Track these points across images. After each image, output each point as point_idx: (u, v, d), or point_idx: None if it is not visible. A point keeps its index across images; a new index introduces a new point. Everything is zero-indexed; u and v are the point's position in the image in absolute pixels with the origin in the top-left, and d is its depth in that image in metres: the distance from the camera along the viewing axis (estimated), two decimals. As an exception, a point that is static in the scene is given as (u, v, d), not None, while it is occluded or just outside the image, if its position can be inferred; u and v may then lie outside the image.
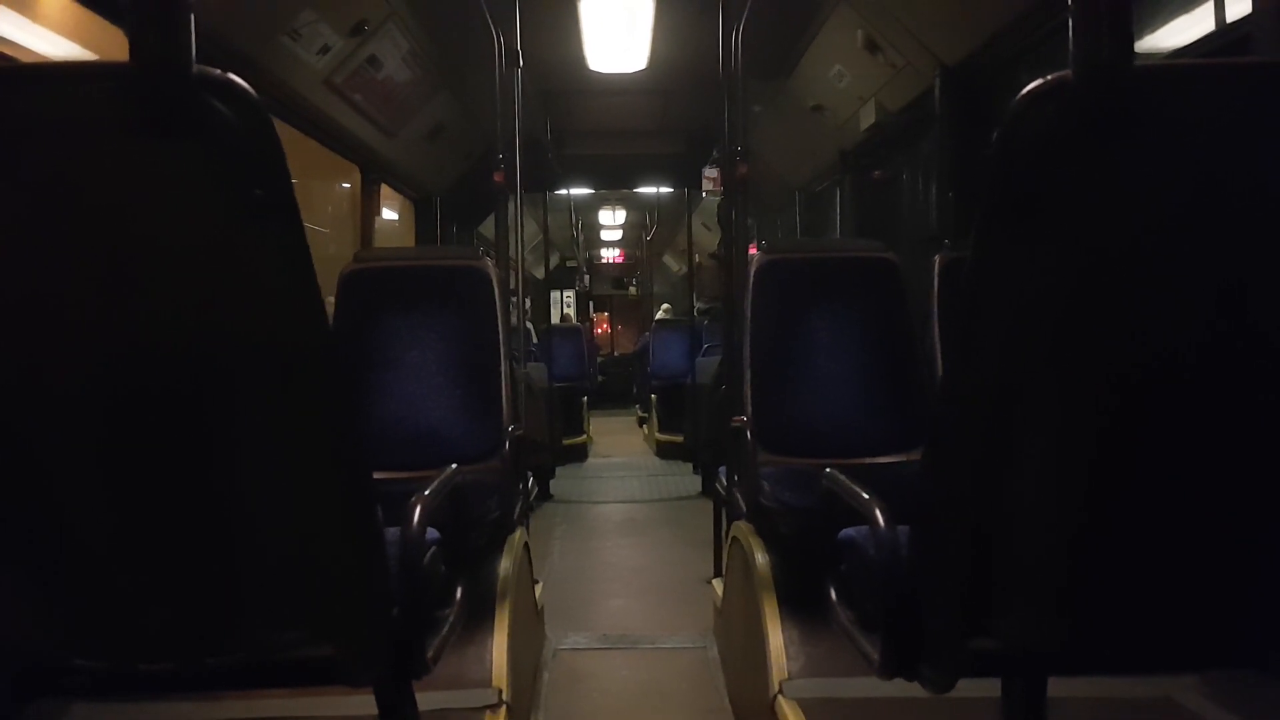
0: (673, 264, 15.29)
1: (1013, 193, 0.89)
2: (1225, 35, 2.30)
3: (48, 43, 2.65)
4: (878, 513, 1.27)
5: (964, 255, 0.94)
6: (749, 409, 2.58)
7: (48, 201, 0.89)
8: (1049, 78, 0.84)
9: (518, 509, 2.65)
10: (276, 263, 0.91)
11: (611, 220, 12.14)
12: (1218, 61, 0.90)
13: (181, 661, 1.13)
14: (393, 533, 1.21)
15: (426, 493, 1.36)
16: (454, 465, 1.62)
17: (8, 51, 2.36)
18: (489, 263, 2.67)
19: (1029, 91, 0.85)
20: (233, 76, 0.83)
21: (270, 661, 1.19)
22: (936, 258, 2.68)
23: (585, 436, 8.00)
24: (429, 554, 1.31)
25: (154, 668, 1.18)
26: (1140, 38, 2.63)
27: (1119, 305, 0.93)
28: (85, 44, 2.74)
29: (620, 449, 8.59)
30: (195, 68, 0.82)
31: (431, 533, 1.34)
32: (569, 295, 15.49)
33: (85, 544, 1.02)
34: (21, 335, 0.93)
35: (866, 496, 1.33)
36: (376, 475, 1.08)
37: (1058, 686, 1.24)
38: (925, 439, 1.12)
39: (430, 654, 1.25)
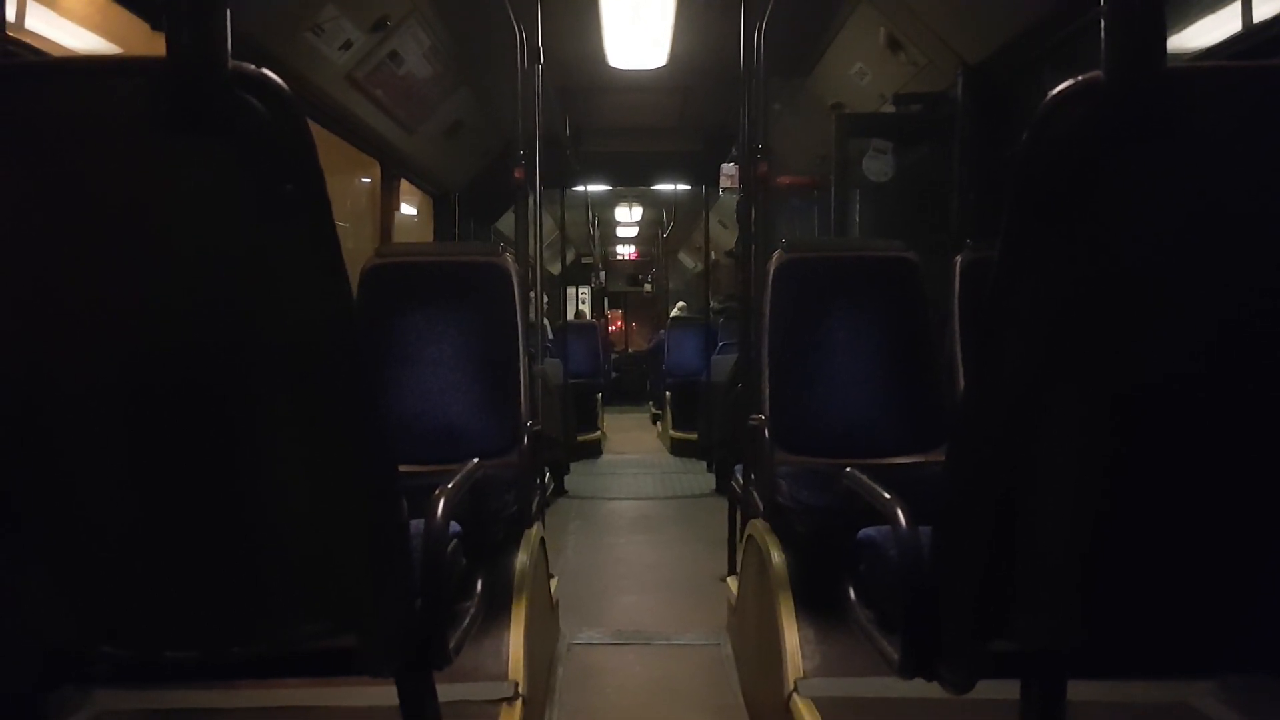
0: (688, 261, 15.26)
1: (1040, 194, 0.89)
2: (1254, 36, 2.28)
3: (74, 37, 2.67)
4: (899, 513, 1.27)
5: (986, 255, 0.94)
6: (767, 407, 2.58)
7: (78, 196, 0.90)
8: (1079, 78, 0.84)
9: (535, 504, 2.66)
10: (306, 257, 0.91)
11: (628, 217, 12.13)
12: (1252, 64, 0.89)
13: (206, 650, 1.15)
14: (415, 525, 1.22)
15: (449, 486, 1.37)
16: (475, 459, 1.63)
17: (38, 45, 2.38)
18: (509, 259, 2.68)
19: (1059, 92, 0.85)
20: (267, 72, 0.84)
21: (293, 651, 1.20)
22: (958, 257, 2.67)
23: (599, 433, 8.01)
24: (450, 547, 1.32)
25: (178, 656, 1.19)
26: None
27: (1146, 309, 0.92)
28: (111, 38, 2.76)
29: (634, 446, 8.59)
30: (230, 63, 0.83)
31: (453, 526, 1.34)
32: (584, 292, 15.49)
33: (113, 534, 1.03)
34: (51, 329, 0.95)
35: (888, 496, 1.33)
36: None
37: (1076, 690, 1.23)
38: (943, 440, 1.13)
39: (451, 645, 1.26)
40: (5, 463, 1.00)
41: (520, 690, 2.00)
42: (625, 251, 15.88)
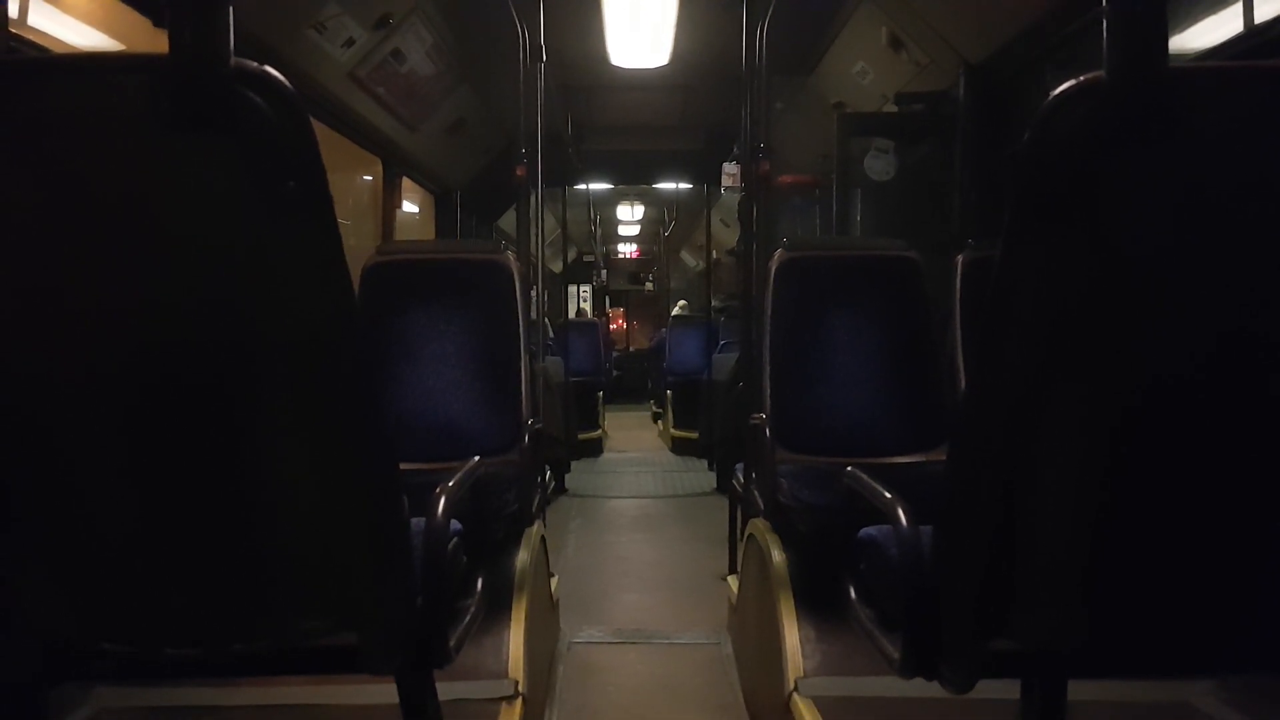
0: (690, 260, 15.27)
1: (1042, 193, 0.89)
2: (1255, 37, 2.28)
3: (77, 34, 2.67)
4: (900, 512, 1.27)
5: (987, 254, 0.94)
6: (768, 406, 2.58)
7: (80, 193, 0.90)
8: (1082, 78, 0.84)
9: (535, 502, 2.66)
10: (308, 255, 0.91)
11: (629, 216, 12.13)
12: (1253, 65, 0.89)
13: (207, 647, 1.15)
14: (415, 523, 1.22)
15: (450, 484, 1.37)
16: (476, 458, 1.63)
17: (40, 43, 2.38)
18: (510, 257, 2.68)
19: (1062, 91, 0.85)
20: (269, 70, 0.84)
21: (294, 649, 1.20)
22: (959, 257, 2.67)
23: (600, 431, 8.01)
24: (451, 545, 1.32)
25: (179, 653, 1.19)
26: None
27: (1147, 309, 0.92)
28: (114, 35, 2.76)
29: (635, 444, 8.59)
30: (233, 61, 0.83)
31: (454, 524, 1.34)
32: (585, 290, 15.49)
33: (114, 531, 1.03)
34: (53, 326, 0.95)
35: (889, 495, 1.33)
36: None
37: (1076, 690, 1.23)
38: (944, 439, 1.12)
39: (451, 644, 1.26)
40: (6, 460, 1.00)
41: (520, 689, 2.00)
42: (627, 250, 15.88)
